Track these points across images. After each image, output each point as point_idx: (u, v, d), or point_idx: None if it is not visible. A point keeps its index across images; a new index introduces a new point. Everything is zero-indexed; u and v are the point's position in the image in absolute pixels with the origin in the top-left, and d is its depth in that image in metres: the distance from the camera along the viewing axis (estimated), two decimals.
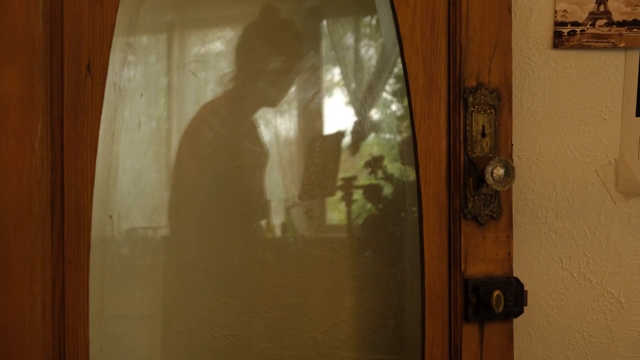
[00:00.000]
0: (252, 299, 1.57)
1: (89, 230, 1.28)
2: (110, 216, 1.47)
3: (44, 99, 1.24)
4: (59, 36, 1.26)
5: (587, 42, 1.52)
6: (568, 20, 1.51)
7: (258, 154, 1.58)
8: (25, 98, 1.23)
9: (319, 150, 1.61)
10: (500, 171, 1.36)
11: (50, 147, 1.25)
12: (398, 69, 1.59)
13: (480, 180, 1.39)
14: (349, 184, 1.64)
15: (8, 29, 1.22)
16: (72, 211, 1.27)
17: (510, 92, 1.45)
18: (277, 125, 1.61)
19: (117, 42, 1.46)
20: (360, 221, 1.65)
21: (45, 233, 1.25)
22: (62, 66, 1.26)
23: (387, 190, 1.65)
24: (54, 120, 1.26)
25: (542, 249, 1.56)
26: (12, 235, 1.22)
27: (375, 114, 1.65)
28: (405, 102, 1.44)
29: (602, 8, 1.51)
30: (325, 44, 1.64)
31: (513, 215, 1.47)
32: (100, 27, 1.28)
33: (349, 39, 1.67)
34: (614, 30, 1.51)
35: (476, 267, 1.43)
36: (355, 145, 1.64)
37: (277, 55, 1.60)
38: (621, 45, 1.52)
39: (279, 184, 1.61)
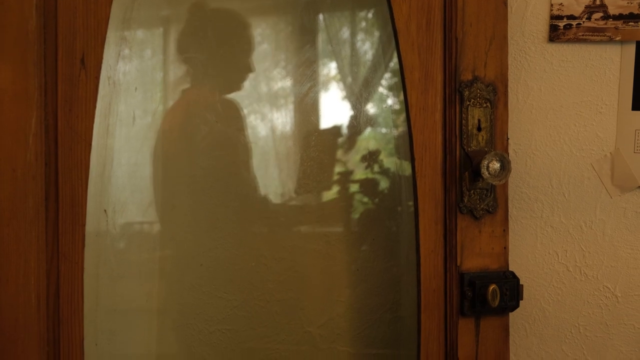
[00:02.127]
0: (247, 293, 1.57)
1: (84, 224, 1.28)
2: (105, 210, 1.47)
3: (38, 93, 1.24)
4: (53, 30, 1.26)
5: (583, 35, 1.52)
6: (564, 13, 1.51)
7: (243, 145, 1.58)
8: (19, 92, 1.23)
9: (315, 144, 1.61)
10: (496, 165, 1.36)
11: (44, 142, 1.25)
12: (394, 62, 1.59)
13: (476, 174, 1.39)
14: (345, 178, 1.64)
15: (2, 23, 1.22)
16: (67, 205, 1.27)
17: (506, 86, 1.44)
18: (273, 120, 1.60)
19: (112, 36, 1.45)
20: (356, 215, 1.65)
21: (39, 227, 1.24)
22: (56, 60, 1.26)
23: (384, 184, 1.65)
24: (48, 115, 1.25)
25: (538, 243, 1.56)
26: (6, 230, 1.22)
27: (371, 108, 1.65)
28: (401, 96, 1.44)
29: (598, 1, 1.50)
30: (321, 37, 1.64)
31: (509, 209, 1.47)
32: (94, 20, 1.28)
33: (345, 33, 1.66)
34: (610, 23, 1.51)
35: (472, 261, 1.43)
36: (351, 140, 1.64)
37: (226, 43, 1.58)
38: (617, 38, 1.52)
39: (275, 178, 1.61)
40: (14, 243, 1.23)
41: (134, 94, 1.51)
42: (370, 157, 1.64)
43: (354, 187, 1.64)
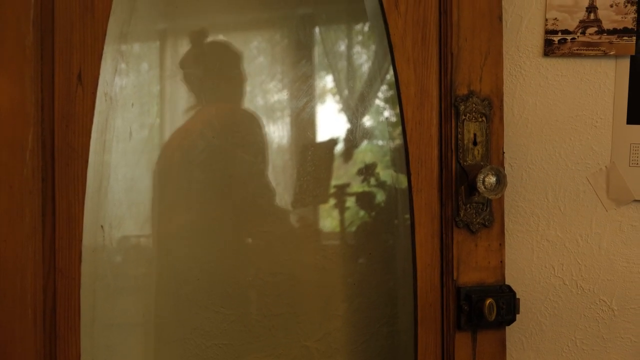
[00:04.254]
0: (244, 307, 1.57)
1: (81, 240, 1.27)
2: (102, 226, 1.47)
3: (35, 108, 1.24)
4: (49, 45, 1.26)
5: (577, 50, 1.52)
6: (559, 28, 1.52)
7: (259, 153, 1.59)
8: (16, 108, 1.23)
9: (311, 157, 1.61)
10: (491, 179, 1.37)
11: (41, 157, 1.25)
12: (390, 76, 1.59)
13: (472, 188, 1.39)
14: (341, 191, 1.64)
15: None
16: (64, 221, 1.27)
17: (502, 100, 1.45)
18: (270, 133, 1.61)
19: (109, 51, 1.45)
20: (353, 229, 1.65)
21: (36, 243, 1.24)
22: (53, 76, 1.26)
23: (380, 197, 1.65)
24: (45, 130, 1.26)
25: (534, 257, 1.56)
26: (2, 245, 1.22)
27: (367, 121, 1.65)
28: (398, 109, 1.45)
29: (592, 16, 1.51)
30: (317, 51, 1.65)
31: (505, 223, 1.47)
32: (91, 36, 1.28)
33: (342, 46, 1.67)
34: (605, 38, 1.52)
35: (468, 275, 1.43)
36: (347, 153, 1.64)
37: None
38: (611, 53, 1.52)
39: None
40: (10, 258, 1.23)
41: (130, 109, 1.51)
42: (367, 170, 1.64)
43: (351, 201, 1.64)
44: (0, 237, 1.22)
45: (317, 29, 1.65)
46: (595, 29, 1.51)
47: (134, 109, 1.52)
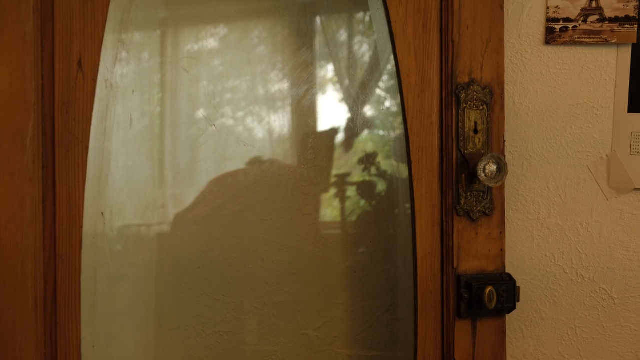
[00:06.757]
0: (245, 296, 1.57)
1: (81, 227, 1.28)
2: (103, 213, 1.47)
3: (35, 95, 1.24)
4: (50, 32, 1.26)
5: (579, 38, 1.52)
6: (560, 16, 1.51)
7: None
8: (16, 95, 1.22)
9: (312, 146, 1.61)
10: (492, 167, 1.37)
11: (41, 144, 1.25)
12: (391, 65, 1.59)
13: (473, 176, 1.39)
14: (342, 180, 1.64)
15: None
16: (64, 208, 1.27)
17: (503, 89, 1.45)
18: (271, 122, 1.61)
19: (109, 39, 1.45)
20: (353, 218, 1.65)
21: (37, 230, 1.24)
22: (53, 63, 1.26)
23: (381, 186, 1.65)
24: (46, 117, 1.25)
25: (535, 245, 1.56)
26: (3, 233, 1.22)
27: (368, 111, 1.65)
28: (399, 99, 1.44)
29: (594, 4, 1.51)
30: (318, 40, 1.64)
31: (505, 211, 1.47)
32: (91, 23, 1.28)
33: (343, 35, 1.66)
34: (606, 26, 1.51)
35: (469, 264, 1.43)
36: (348, 142, 1.64)
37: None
38: (613, 41, 1.52)
39: (271, 180, 1.61)
40: (11, 245, 1.23)
41: (131, 96, 1.51)
42: (368, 160, 1.64)
43: (352, 190, 1.64)
44: (0, 224, 1.22)
45: (318, 18, 1.65)
46: (597, 17, 1.51)
47: (135, 97, 1.51)
